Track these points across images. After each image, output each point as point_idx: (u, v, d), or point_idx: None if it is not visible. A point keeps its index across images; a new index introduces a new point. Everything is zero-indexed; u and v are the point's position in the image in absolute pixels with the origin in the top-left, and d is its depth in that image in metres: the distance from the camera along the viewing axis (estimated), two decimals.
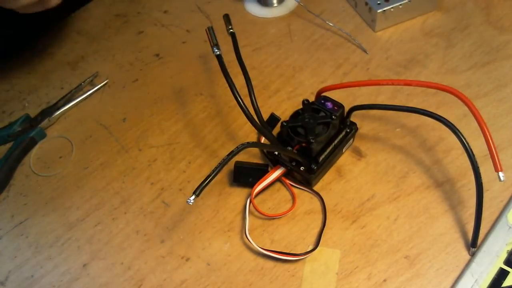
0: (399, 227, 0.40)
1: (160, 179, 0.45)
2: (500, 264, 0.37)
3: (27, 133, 0.49)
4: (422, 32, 0.52)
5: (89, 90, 0.52)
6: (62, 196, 0.45)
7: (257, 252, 0.39)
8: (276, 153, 0.42)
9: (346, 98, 0.44)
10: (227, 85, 0.39)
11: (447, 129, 0.37)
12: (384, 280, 0.37)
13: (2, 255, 0.42)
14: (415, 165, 0.43)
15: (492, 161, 0.35)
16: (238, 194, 0.43)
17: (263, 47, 0.54)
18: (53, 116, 0.50)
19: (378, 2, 0.52)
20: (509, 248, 0.37)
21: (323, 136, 0.41)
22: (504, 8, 0.53)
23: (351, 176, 0.43)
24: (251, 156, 0.45)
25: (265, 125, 0.42)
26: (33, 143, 0.49)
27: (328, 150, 0.42)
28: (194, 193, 0.34)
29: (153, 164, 0.46)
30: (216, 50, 0.41)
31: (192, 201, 0.34)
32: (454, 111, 0.44)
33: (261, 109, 0.41)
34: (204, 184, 0.34)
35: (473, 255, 0.38)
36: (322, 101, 0.43)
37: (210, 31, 0.42)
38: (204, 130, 0.48)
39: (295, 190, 0.42)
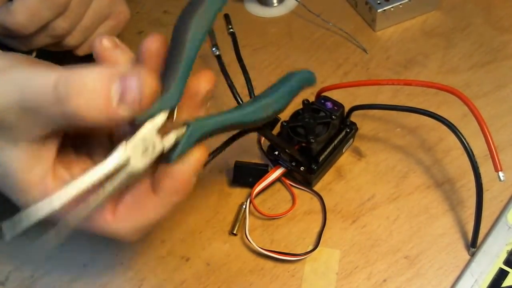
0: (399, 227, 0.40)
1: None
2: (500, 264, 0.37)
3: None
4: (422, 32, 0.52)
5: None
6: None
7: (257, 252, 0.39)
8: (276, 153, 0.42)
9: (346, 98, 0.44)
10: (227, 85, 0.39)
11: (447, 129, 0.37)
12: (384, 280, 0.37)
13: (2, 255, 0.42)
14: (415, 165, 0.43)
15: (492, 161, 0.35)
16: (238, 194, 0.43)
17: (263, 47, 0.54)
18: None
19: (378, 2, 0.52)
20: (509, 248, 0.37)
21: (323, 136, 0.41)
22: (504, 8, 0.53)
23: (351, 176, 0.43)
24: (251, 156, 0.45)
25: (265, 125, 0.42)
26: None
27: (328, 150, 0.42)
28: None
29: None
30: (215, 51, 0.41)
31: None
32: (454, 111, 0.44)
33: None
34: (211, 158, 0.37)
35: (473, 255, 0.38)
36: (322, 101, 0.43)
37: (210, 31, 0.42)
38: None
39: (295, 190, 0.42)
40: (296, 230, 0.40)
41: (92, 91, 0.25)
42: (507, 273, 0.36)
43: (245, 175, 0.42)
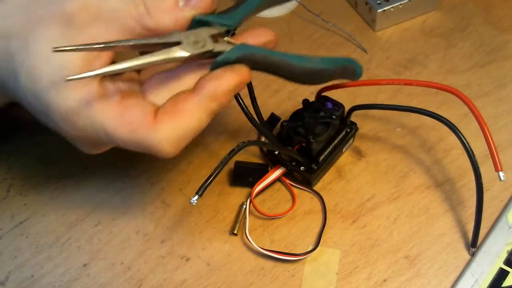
0: (399, 227, 0.40)
1: (160, 179, 0.45)
2: (500, 264, 0.37)
3: None
4: (422, 32, 0.52)
5: None
6: (62, 196, 0.45)
7: (257, 252, 0.39)
8: (276, 153, 0.42)
9: (346, 98, 0.44)
10: None
11: (447, 129, 0.37)
12: (384, 280, 0.37)
13: (2, 255, 0.42)
14: (415, 165, 0.43)
15: (492, 161, 0.35)
16: (238, 194, 0.43)
17: None
18: None
19: (378, 2, 0.52)
20: (509, 248, 0.37)
21: (323, 136, 0.41)
22: (504, 8, 0.53)
23: (351, 176, 0.43)
24: (251, 156, 0.45)
25: (265, 125, 0.42)
26: None
27: (328, 150, 0.42)
28: (197, 193, 0.34)
29: (153, 164, 0.46)
30: None
31: (195, 202, 0.34)
32: (454, 111, 0.44)
33: (261, 109, 0.41)
34: (206, 184, 0.34)
35: (473, 255, 0.38)
36: (322, 101, 0.43)
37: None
38: (204, 130, 0.48)
39: (295, 190, 0.42)
40: (296, 230, 0.40)
41: None
42: (507, 273, 0.36)
43: (245, 175, 0.42)
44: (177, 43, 0.30)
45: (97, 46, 0.29)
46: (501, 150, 0.42)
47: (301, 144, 0.41)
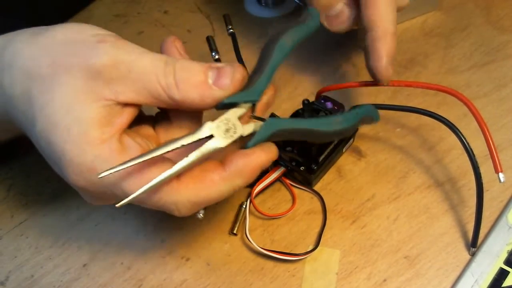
0: (399, 227, 0.40)
1: None
2: (500, 264, 0.37)
3: None
4: (422, 32, 0.52)
5: None
6: (62, 196, 0.45)
7: (257, 252, 0.39)
8: None
9: (346, 98, 0.44)
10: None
11: (447, 129, 0.37)
12: (384, 280, 0.37)
13: (2, 255, 0.42)
14: (415, 165, 0.43)
15: (492, 162, 0.35)
16: (238, 194, 0.43)
17: None
18: None
19: None
20: (509, 248, 0.37)
21: None
22: (504, 8, 0.53)
23: (351, 176, 0.43)
24: None
25: None
26: None
27: (328, 150, 0.42)
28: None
29: None
30: (215, 55, 0.41)
31: (201, 216, 0.35)
32: (454, 111, 0.44)
33: None
34: None
35: (473, 255, 0.38)
36: (322, 101, 0.43)
37: (210, 40, 0.42)
38: None
39: (295, 190, 0.42)
40: (296, 230, 0.40)
41: (194, 71, 0.30)
42: (507, 273, 0.36)
43: None
44: (210, 137, 0.30)
45: (134, 163, 0.28)
46: (501, 150, 0.42)
47: (301, 144, 0.41)
